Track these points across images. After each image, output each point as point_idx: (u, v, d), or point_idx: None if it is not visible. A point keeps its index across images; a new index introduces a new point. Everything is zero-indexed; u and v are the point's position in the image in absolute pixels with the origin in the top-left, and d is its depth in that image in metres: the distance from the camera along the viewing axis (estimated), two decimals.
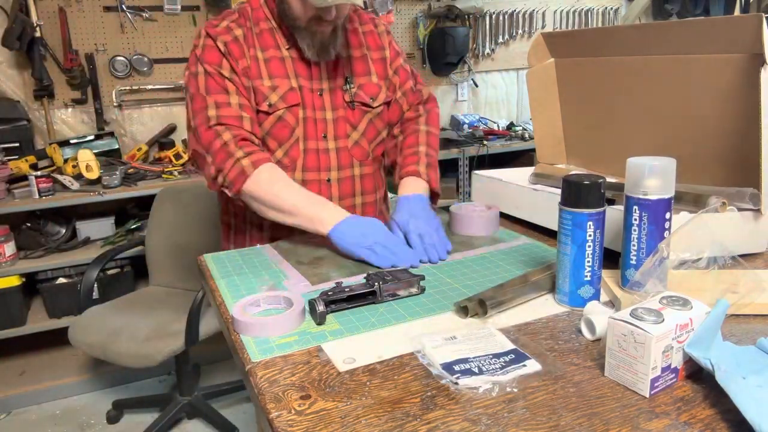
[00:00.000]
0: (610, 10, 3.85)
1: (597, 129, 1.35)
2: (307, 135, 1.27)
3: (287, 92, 1.24)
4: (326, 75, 1.29)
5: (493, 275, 0.99)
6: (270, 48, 1.25)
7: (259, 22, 1.26)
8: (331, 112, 1.29)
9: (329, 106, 1.29)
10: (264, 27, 1.26)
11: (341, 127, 1.30)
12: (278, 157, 1.27)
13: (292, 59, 1.26)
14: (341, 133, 1.30)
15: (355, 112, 1.31)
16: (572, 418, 0.60)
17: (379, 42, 1.36)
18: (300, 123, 1.26)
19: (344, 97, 1.30)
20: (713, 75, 1.03)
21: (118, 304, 2.20)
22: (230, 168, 1.17)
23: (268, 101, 1.23)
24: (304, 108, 1.26)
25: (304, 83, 1.27)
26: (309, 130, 1.27)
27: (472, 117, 3.49)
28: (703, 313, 0.65)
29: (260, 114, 1.24)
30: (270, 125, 1.25)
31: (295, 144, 1.27)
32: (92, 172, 2.45)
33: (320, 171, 1.29)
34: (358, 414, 0.62)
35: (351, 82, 1.30)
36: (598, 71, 1.29)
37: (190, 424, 2.30)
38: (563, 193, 0.83)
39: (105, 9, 2.71)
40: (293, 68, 1.26)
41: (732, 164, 1.04)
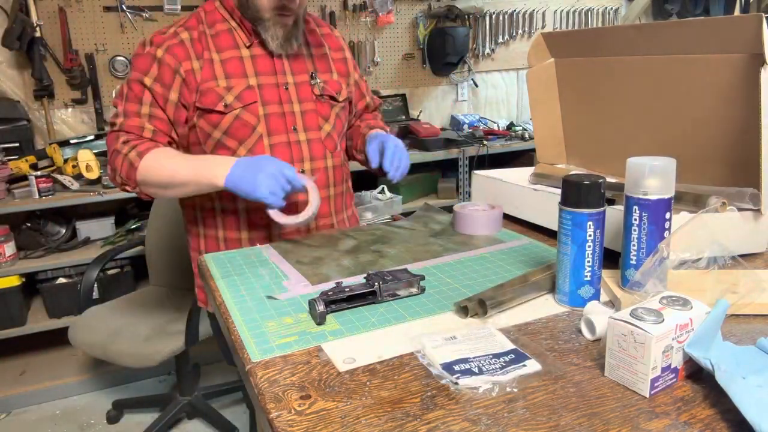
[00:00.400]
0: (610, 10, 3.85)
1: (597, 129, 1.36)
2: (273, 130, 1.29)
3: (243, 91, 1.26)
4: (290, 69, 1.32)
5: (493, 275, 0.99)
6: (228, 49, 1.27)
7: (215, 24, 1.29)
8: (299, 105, 1.32)
9: (296, 99, 1.31)
10: (221, 28, 1.28)
11: (312, 119, 1.33)
12: (241, 155, 1.27)
13: (253, 57, 1.28)
14: (312, 125, 1.33)
15: (324, 105, 1.35)
16: (572, 418, 0.60)
17: (339, 44, 1.44)
18: (261, 120, 1.27)
19: (313, 90, 1.33)
20: (713, 75, 1.03)
21: (118, 304, 2.20)
22: (121, 165, 1.22)
23: (223, 101, 1.24)
24: (265, 105, 1.28)
25: (268, 80, 1.29)
26: (275, 124, 1.29)
27: (472, 117, 3.49)
28: (703, 313, 0.65)
29: (216, 114, 1.25)
30: (227, 125, 1.26)
31: (258, 141, 1.28)
32: (92, 172, 2.45)
33: (293, 162, 1.30)
34: (358, 414, 0.62)
35: (316, 78, 1.34)
36: (598, 71, 1.29)
37: (190, 424, 2.30)
38: (563, 193, 0.83)
39: (105, 9, 2.71)
40: (253, 66, 1.28)
41: (732, 164, 1.04)
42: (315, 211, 1.18)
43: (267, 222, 1.28)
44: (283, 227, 1.28)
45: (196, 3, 2.85)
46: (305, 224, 1.23)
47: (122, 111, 1.25)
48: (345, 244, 1.18)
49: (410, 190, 3.10)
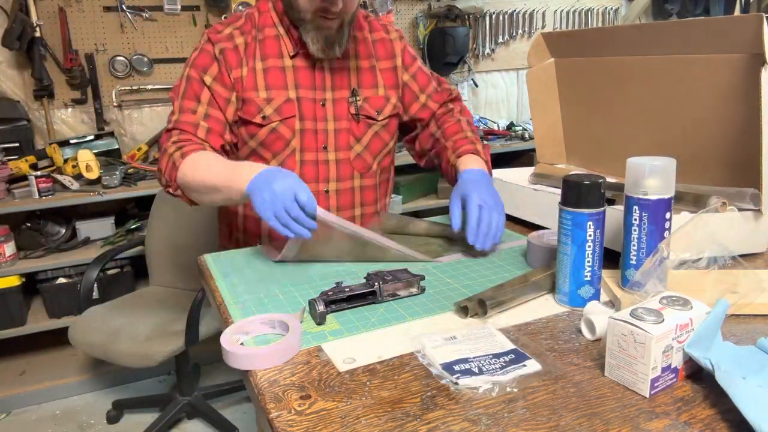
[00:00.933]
0: (610, 10, 3.85)
1: (597, 129, 1.35)
2: (305, 146, 1.26)
3: (283, 104, 1.23)
4: (331, 85, 1.27)
5: (493, 275, 0.99)
6: (271, 57, 1.23)
7: (264, 28, 1.24)
8: (333, 123, 1.27)
9: (331, 117, 1.27)
10: (269, 34, 1.24)
11: (343, 138, 1.28)
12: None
13: (295, 68, 1.24)
14: (343, 144, 1.28)
15: (360, 124, 1.29)
16: (572, 418, 0.60)
17: (391, 50, 1.34)
18: (297, 134, 1.25)
19: (349, 109, 1.28)
20: (713, 75, 1.03)
21: (118, 304, 2.20)
22: (166, 164, 1.16)
23: (262, 113, 1.22)
24: (302, 120, 1.24)
25: (306, 93, 1.25)
26: (307, 141, 1.26)
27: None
28: (703, 313, 0.65)
29: (253, 126, 1.23)
30: (264, 136, 1.24)
31: (291, 155, 1.25)
32: (92, 172, 2.45)
33: (318, 182, 1.28)
34: (358, 414, 0.62)
35: (357, 95, 1.28)
36: (598, 71, 1.29)
37: (190, 424, 2.30)
38: (563, 193, 0.83)
39: (105, 9, 2.71)
40: (294, 78, 1.24)
41: (732, 164, 1.04)
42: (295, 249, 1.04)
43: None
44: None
45: (196, 3, 2.85)
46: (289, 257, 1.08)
47: (178, 107, 1.21)
48: None
49: (410, 190, 3.10)
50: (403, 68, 1.35)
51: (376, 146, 1.33)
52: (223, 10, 2.88)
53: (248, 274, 1.05)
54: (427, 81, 1.39)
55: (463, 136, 1.33)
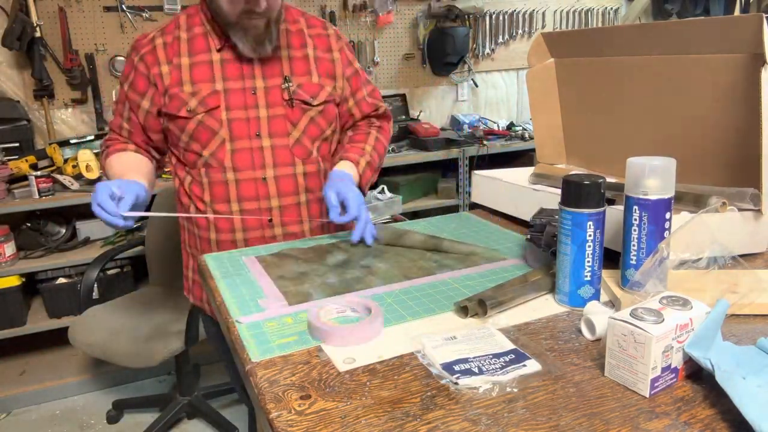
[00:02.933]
0: (610, 10, 3.85)
1: (597, 129, 1.35)
2: (236, 135, 1.27)
3: (207, 96, 1.25)
4: (261, 74, 1.29)
5: (493, 275, 0.99)
6: (199, 53, 1.28)
7: (193, 27, 1.30)
8: (266, 110, 1.29)
9: (264, 104, 1.28)
10: (198, 31, 1.29)
11: (279, 124, 1.29)
12: (205, 158, 1.28)
13: (223, 61, 1.28)
14: (279, 130, 1.29)
15: (295, 110, 1.30)
16: (572, 418, 0.60)
17: (327, 44, 1.36)
18: (224, 124, 1.26)
19: (283, 95, 1.29)
20: (713, 75, 1.03)
21: (118, 304, 2.20)
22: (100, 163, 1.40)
23: (187, 107, 1.25)
24: (229, 109, 1.26)
25: (234, 84, 1.27)
26: (238, 130, 1.27)
27: (472, 117, 3.49)
28: (703, 313, 0.65)
29: (180, 120, 1.26)
30: (192, 129, 1.27)
31: (221, 145, 1.27)
32: (92, 172, 2.45)
33: (255, 169, 1.28)
34: (358, 414, 0.62)
35: (290, 81, 1.30)
36: (598, 71, 1.29)
37: (190, 424, 2.30)
38: (563, 193, 0.83)
39: (105, 9, 2.71)
40: (221, 71, 1.27)
41: (732, 164, 1.04)
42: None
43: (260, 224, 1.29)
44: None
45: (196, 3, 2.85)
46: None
47: (113, 110, 1.41)
48: (334, 258, 1.11)
49: (410, 190, 3.10)
50: (342, 65, 1.37)
51: (313, 132, 1.33)
52: None
53: (248, 274, 1.04)
54: (358, 87, 1.41)
55: (359, 147, 1.38)
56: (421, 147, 3.01)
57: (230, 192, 1.29)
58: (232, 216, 1.29)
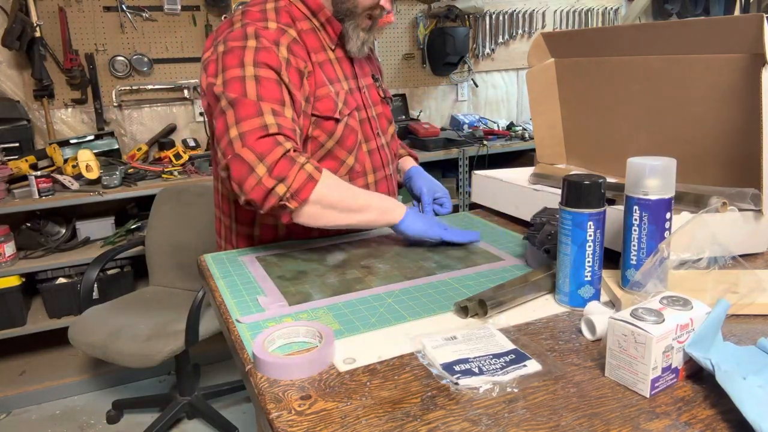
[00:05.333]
0: (610, 10, 3.85)
1: (597, 129, 1.35)
2: (366, 136, 1.26)
3: (346, 96, 1.19)
4: (361, 72, 1.29)
5: (493, 275, 0.99)
6: (318, 51, 1.17)
7: (297, 22, 1.16)
8: (373, 109, 1.30)
9: (370, 103, 1.29)
10: (304, 27, 1.16)
11: (383, 121, 1.33)
12: (350, 165, 1.22)
13: (338, 60, 1.22)
14: (384, 127, 1.33)
15: (387, 107, 1.36)
16: (572, 419, 0.60)
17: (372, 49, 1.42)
18: (360, 125, 1.24)
19: (378, 92, 1.33)
20: (713, 75, 1.03)
21: (118, 304, 2.20)
22: (295, 175, 1.01)
23: (338, 108, 1.16)
24: (357, 110, 1.23)
25: (352, 84, 1.24)
26: (366, 130, 1.26)
27: (472, 117, 3.49)
28: (704, 313, 0.65)
29: (332, 122, 1.15)
30: (341, 133, 1.17)
31: (359, 148, 1.23)
32: (92, 172, 2.45)
33: (384, 167, 1.31)
34: (358, 414, 0.62)
35: (378, 79, 1.34)
36: (598, 71, 1.29)
37: (190, 424, 2.30)
38: (563, 193, 0.83)
39: (105, 9, 2.71)
40: (342, 70, 1.21)
41: (732, 164, 1.04)
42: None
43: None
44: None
45: (196, 3, 2.85)
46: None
47: (269, 110, 1.04)
48: (334, 258, 1.11)
49: None
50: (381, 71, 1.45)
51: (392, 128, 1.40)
52: (223, 10, 2.88)
53: (248, 274, 1.04)
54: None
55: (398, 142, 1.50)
56: (421, 147, 3.01)
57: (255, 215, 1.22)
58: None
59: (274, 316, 0.86)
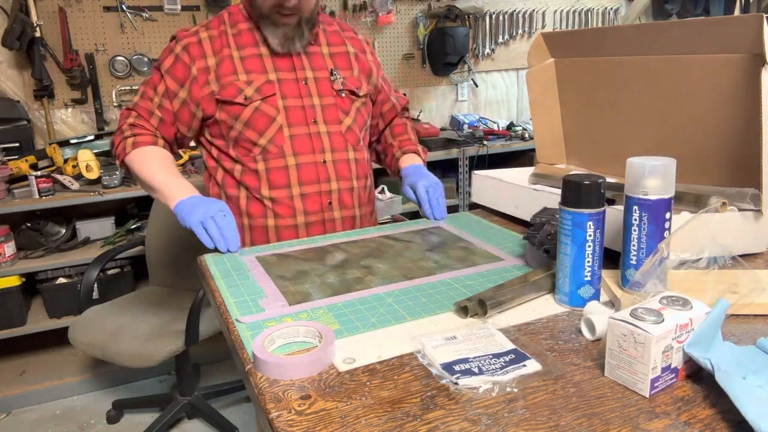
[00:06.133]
0: (610, 10, 3.85)
1: (597, 129, 1.36)
2: (293, 121, 1.33)
3: (263, 84, 1.31)
4: (309, 66, 1.37)
5: (493, 275, 0.99)
6: (248, 46, 1.33)
7: (237, 24, 1.35)
8: (318, 99, 1.36)
9: (316, 93, 1.36)
10: (243, 27, 1.35)
11: (332, 113, 1.37)
12: (263, 145, 1.32)
13: (272, 55, 1.34)
14: (333, 118, 1.37)
15: (345, 99, 1.39)
16: (572, 418, 0.60)
17: (362, 46, 1.48)
18: (281, 111, 1.32)
19: (333, 85, 1.38)
20: (713, 75, 1.03)
21: (118, 304, 2.20)
22: (118, 143, 1.34)
23: (243, 94, 1.30)
24: (284, 98, 1.33)
25: (287, 75, 1.34)
26: (295, 116, 1.33)
27: (472, 117, 3.49)
28: (703, 313, 0.65)
29: (237, 106, 1.30)
30: (247, 116, 1.31)
31: (279, 131, 1.32)
32: (92, 172, 2.45)
33: (315, 153, 1.34)
34: (358, 414, 0.62)
35: (335, 74, 1.39)
36: (598, 71, 1.29)
37: (190, 424, 2.30)
38: (563, 193, 0.83)
39: (105, 9, 2.71)
40: (272, 63, 1.34)
41: (732, 164, 1.04)
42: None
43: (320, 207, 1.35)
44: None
45: (196, 3, 2.85)
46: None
47: (141, 92, 1.36)
48: (334, 258, 1.11)
49: None
50: (375, 66, 1.49)
51: (360, 121, 1.43)
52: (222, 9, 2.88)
53: (248, 274, 1.04)
54: (390, 87, 1.57)
55: (406, 138, 1.54)
56: None
57: (291, 177, 1.33)
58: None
59: (274, 316, 0.87)
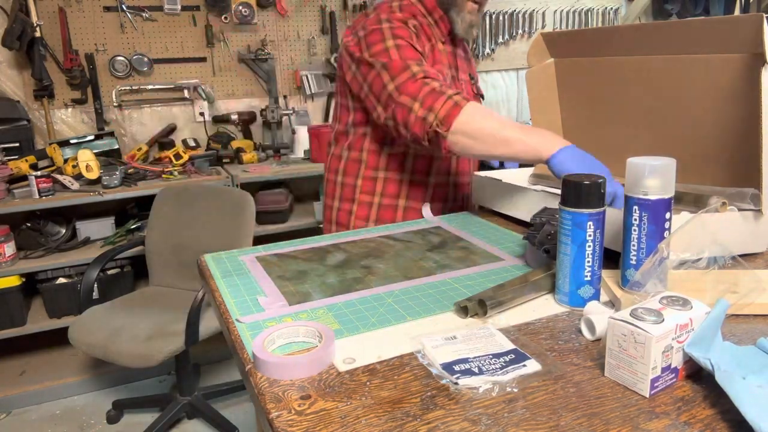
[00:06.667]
0: (610, 10, 3.85)
1: (597, 129, 1.35)
2: None
3: (450, 82, 1.39)
4: (462, 68, 1.46)
5: (493, 275, 0.99)
6: (432, 41, 1.38)
7: (416, 16, 1.36)
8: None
9: (468, 95, 1.43)
10: (422, 22, 1.36)
11: None
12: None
13: (446, 52, 1.41)
14: None
15: (479, 101, 1.50)
16: (572, 418, 0.60)
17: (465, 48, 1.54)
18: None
19: (472, 89, 1.49)
20: (713, 75, 1.03)
21: (118, 304, 2.20)
22: (442, 104, 1.15)
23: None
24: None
25: (454, 75, 1.43)
26: None
27: None
28: (703, 313, 0.65)
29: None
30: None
31: None
32: (92, 172, 2.45)
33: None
34: (358, 414, 0.62)
35: (474, 79, 1.50)
36: (597, 71, 1.29)
37: (190, 424, 2.30)
38: (563, 193, 0.83)
39: (105, 9, 2.71)
40: (447, 60, 1.41)
41: (732, 164, 1.04)
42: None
43: (444, 195, 1.43)
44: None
45: (196, 3, 2.85)
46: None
47: (414, 63, 1.22)
48: (334, 258, 1.10)
49: None
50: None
51: None
52: (223, 10, 2.88)
53: (248, 274, 1.04)
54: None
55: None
56: None
57: (432, 167, 1.40)
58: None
59: (274, 316, 0.87)
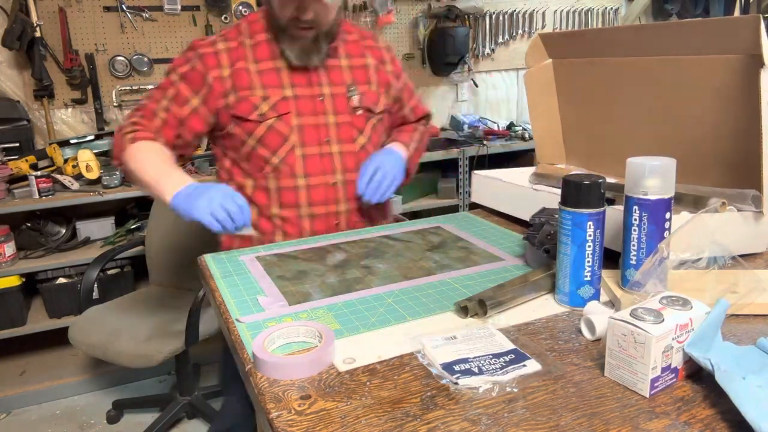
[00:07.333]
0: (610, 10, 3.85)
1: (597, 129, 1.36)
2: (306, 141, 1.30)
3: (278, 102, 1.28)
4: (327, 81, 1.33)
5: (493, 275, 0.99)
6: (265, 59, 1.30)
7: (255, 35, 1.32)
8: (333, 117, 1.32)
9: (331, 111, 1.32)
10: (261, 39, 1.31)
11: (346, 131, 1.33)
12: (274, 164, 1.29)
13: (289, 69, 1.30)
14: (346, 137, 1.33)
15: (360, 117, 1.35)
16: (572, 418, 0.60)
17: (381, 56, 1.42)
18: (294, 130, 1.29)
19: (349, 102, 1.34)
20: (713, 76, 1.03)
21: (118, 304, 2.20)
22: (119, 141, 1.28)
23: (258, 111, 1.27)
24: (300, 116, 1.29)
25: (303, 91, 1.30)
26: (308, 136, 1.30)
27: (472, 117, 3.49)
28: (703, 313, 0.65)
29: (250, 123, 1.28)
30: (261, 134, 1.28)
31: (290, 151, 1.29)
32: (92, 172, 2.45)
33: (325, 174, 1.31)
34: (358, 414, 0.62)
35: (353, 89, 1.35)
36: (596, 72, 1.29)
37: (190, 424, 2.30)
38: (563, 193, 0.83)
39: (105, 9, 2.71)
40: (289, 78, 1.30)
41: (732, 165, 1.04)
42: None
43: (327, 227, 1.32)
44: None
45: (196, 3, 2.85)
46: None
47: (149, 94, 1.33)
48: (334, 258, 1.11)
49: (410, 190, 3.10)
50: (394, 76, 1.44)
51: (375, 139, 1.40)
52: (223, 10, 2.88)
53: (248, 274, 1.04)
54: (411, 95, 1.51)
55: (408, 135, 1.47)
56: None
57: (300, 197, 1.30)
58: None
59: (274, 316, 0.87)
